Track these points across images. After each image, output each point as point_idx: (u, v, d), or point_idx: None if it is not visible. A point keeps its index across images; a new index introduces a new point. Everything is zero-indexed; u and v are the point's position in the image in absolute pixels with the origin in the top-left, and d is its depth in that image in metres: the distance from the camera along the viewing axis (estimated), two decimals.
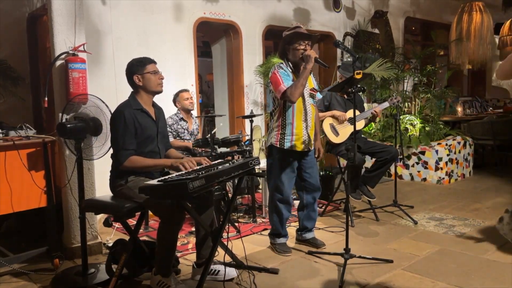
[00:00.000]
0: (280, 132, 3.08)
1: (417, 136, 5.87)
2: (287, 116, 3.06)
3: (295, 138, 3.06)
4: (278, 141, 3.08)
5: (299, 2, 6.08)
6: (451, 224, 3.88)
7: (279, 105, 3.08)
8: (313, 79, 3.21)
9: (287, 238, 3.31)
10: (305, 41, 3.01)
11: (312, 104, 3.15)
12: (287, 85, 2.93)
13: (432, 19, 8.18)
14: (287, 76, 2.98)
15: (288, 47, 3.06)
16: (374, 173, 3.98)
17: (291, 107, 3.04)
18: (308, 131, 3.09)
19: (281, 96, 2.96)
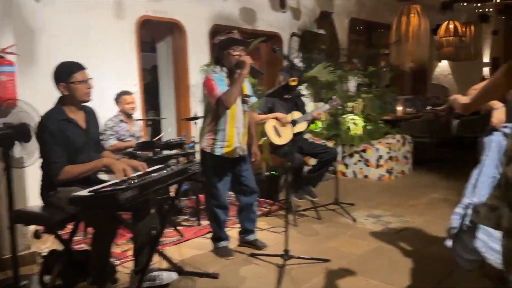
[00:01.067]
0: (211, 137, 3.08)
1: (359, 134, 6.08)
2: (219, 122, 3.05)
3: (227, 144, 3.07)
4: (210, 147, 3.08)
5: (245, 1, 6.09)
6: (387, 221, 4.06)
7: (212, 110, 3.06)
8: (248, 85, 3.22)
9: (228, 241, 3.33)
10: (240, 46, 3.01)
11: (246, 110, 3.15)
12: (222, 90, 2.92)
13: (376, 20, 8.45)
14: (221, 82, 2.97)
15: (222, 52, 3.04)
16: (316, 173, 4.09)
17: (224, 113, 3.03)
18: (239, 137, 3.10)
19: (216, 102, 2.95)
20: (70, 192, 2.37)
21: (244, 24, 6.09)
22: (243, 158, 3.23)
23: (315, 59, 6.92)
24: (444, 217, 4.10)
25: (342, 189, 5.35)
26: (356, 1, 7.95)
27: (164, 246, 3.43)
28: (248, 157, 3.29)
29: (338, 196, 4.43)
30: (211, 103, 3.00)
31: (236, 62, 2.97)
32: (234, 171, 3.23)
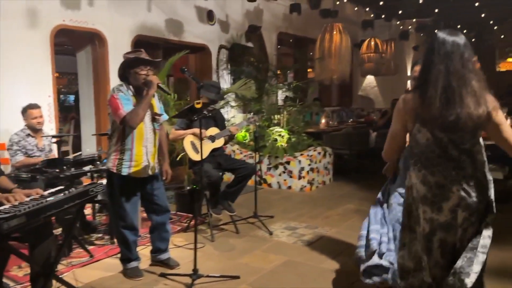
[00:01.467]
0: (118, 157, 3.02)
1: (284, 147, 6.25)
2: (126, 142, 3.00)
3: (134, 164, 3.02)
4: (116, 167, 3.02)
5: (171, 13, 6.07)
6: (302, 233, 4.21)
7: (118, 129, 3.00)
8: (158, 103, 3.20)
9: (139, 261, 3.28)
10: (147, 66, 3.00)
11: (155, 128, 3.13)
12: (127, 110, 2.87)
13: (303, 35, 8.77)
14: (127, 101, 2.93)
15: (129, 70, 3.00)
16: (234, 188, 4.14)
17: (131, 132, 2.99)
18: (148, 156, 3.07)
19: (121, 122, 2.89)
20: None
21: (170, 35, 6.07)
22: (155, 177, 3.20)
23: (244, 71, 7.05)
24: (354, 228, 4.34)
25: (266, 201, 5.50)
26: (284, 17, 8.20)
27: (72, 268, 3.31)
28: (159, 175, 3.26)
29: (257, 210, 4.52)
30: (116, 122, 2.95)
31: (143, 81, 2.94)
32: (145, 190, 3.19)
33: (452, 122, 1.86)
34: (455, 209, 1.96)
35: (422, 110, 1.92)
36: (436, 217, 2.00)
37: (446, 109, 1.86)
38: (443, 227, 2.01)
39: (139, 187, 3.15)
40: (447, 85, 1.86)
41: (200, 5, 6.52)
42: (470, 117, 1.84)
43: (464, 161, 1.93)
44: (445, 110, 1.86)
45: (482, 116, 1.85)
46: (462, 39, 1.92)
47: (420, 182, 2.00)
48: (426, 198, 2.00)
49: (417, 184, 2.01)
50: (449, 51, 1.89)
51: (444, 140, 1.91)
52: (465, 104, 1.84)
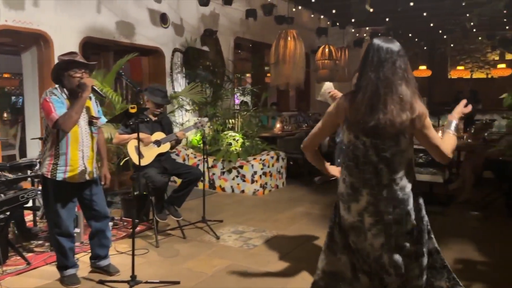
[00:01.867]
0: (52, 162, 2.96)
1: (238, 151, 6.28)
2: (60, 146, 2.94)
3: (70, 169, 2.97)
4: (50, 172, 2.95)
5: (122, 15, 5.98)
6: (249, 236, 4.24)
7: (52, 133, 2.95)
8: (95, 106, 3.16)
9: (76, 268, 3.21)
10: (82, 69, 2.95)
11: (93, 132, 3.09)
12: (60, 113, 2.83)
13: (260, 40, 8.86)
14: (60, 104, 2.88)
15: (63, 73, 2.95)
16: (180, 193, 4.13)
17: (65, 136, 2.93)
18: (85, 161, 3.03)
19: (53, 125, 2.84)
20: None
21: (121, 37, 5.97)
22: (93, 182, 3.15)
23: (199, 75, 7.04)
24: (301, 231, 4.44)
25: (218, 205, 5.51)
26: (241, 22, 8.25)
27: (6, 276, 3.20)
28: (98, 180, 3.21)
29: (206, 214, 4.53)
30: (50, 127, 2.88)
31: (77, 84, 2.90)
32: (83, 196, 3.13)
33: (372, 127, 1.92)
34: (362, 213, 2.02)
35: (349, 114, 1.98)
36: (346, 217, 2.07)
37: (369, 115, 1.92)
38: (353, 228, 2.07)
39: (76, 193, 3.09)
40: (375, 91, 1.92)
41: (153, 8, 6.47)
42: (391, 124, 1.89)
43: (381, 169, 1.96)
44: (367, 115, 1.92)
45: (404, 123, 1.90)
46: (397, 46, 1.97)
47: (341, 180, 2.09)
48: (343, 196, 2.08)
49: (340, 181, 2.10)
50: (382, 59, 1.94)
51: (366, 144, 1.96)
52: (388, 111, 1.89)
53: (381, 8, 7.63)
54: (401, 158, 1.97)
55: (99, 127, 3.17)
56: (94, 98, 3.17)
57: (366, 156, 1.98)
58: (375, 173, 1.97)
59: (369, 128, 1.93)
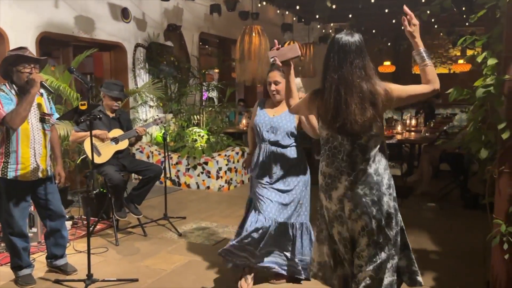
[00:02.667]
0: (3, 160, 2.88)
1: (203, 147, 6.27)
2: (10, 143, 2.88)
3: (21, 167, 2.91)
4: (1, 171, 2.88)
5: (81, 10, 5.84)
6: (211, 232, 4.26)
7: (0, 130, 2.87)
8: (47, 102, 3.09)
9: (31, 268, 3.14)
10: (31, 64, 2.88)
11: (45, 129, 3.02)
12: (7, 110, 2.76)
13: (225, 35, 8.84)
14: (8, 100, 2.81)
15: (11, 68, 2.87)
16: (140, 190, 4.09)
17: (15, 134, 2.87)
18: (37, 158, 2.97)
19: (1, 122, 2.77)
20: None
21: (80, 32, 5.84)
22: (47, 180, 3.09)
23: (163, 71, 6.97)
24: None
25: (183, 202, 5.49)
26: (205, 17, 8.20)
27: None
28: (53, 178, 3.15)
29: (168, 211, 4.51)
30: None
31: (26, 80, 2.83)
32: (37, 195, 3.07)
33: (340, 126, 2.04)
34: (342, 199, 2.12)
35: (321, 111, 2.12)
36: (329, 206, 2.19)
37: (335, 116, 2.03)
38: (336, 218, 2.18)
39: (30, 192, 3.02)
40: (337, 93, 2.02)
41: (114, 2, 6.34)
42: (355, 122, 1.99)
43: (356, 155, 2.06)
44: (334, 116, 2.04)
45: (369, 119, 2.00)
46: (356, 42, 2.03)
47: (320, 171, 2.20)
48: (322, 186, 2.20)
49: (319, 173, 2.22)
50: (342, 59, 2.02)
51: (340, 135, 2.07)
52: (350, 111, 1.99)
53: (344, 5, 7.77)
54: (375, 142, 2.08)
55: (52, 125, 3.11)
56: (46, 94, 3.10)
57: (342, 145, 2.08)
58: (351, 161, 2.07)
59: (338, 127, 2.05)
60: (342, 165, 2.08)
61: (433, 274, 3.24)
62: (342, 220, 2.16)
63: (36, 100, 2.91)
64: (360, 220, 2.11)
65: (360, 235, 2.12)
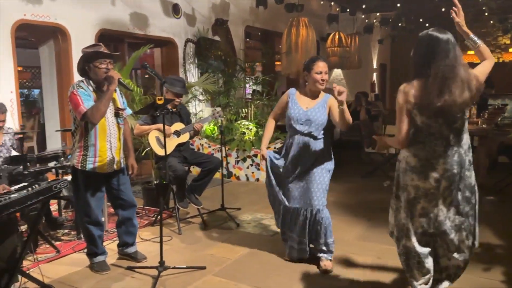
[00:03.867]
0: (82, 153, 3.04)
1: (252, 140, 6.36)
2: (89, 137, 3.02)
3: (99, 159, 3.05)
4: (80, 163, 3.04)
5: (135, 6, 6.03)
6: (267, 224, 4.34)
7: (80, 125, 3.02)
8: (120, 97, 3.22)
9: (105, 255, 3.32)
10: (107, 60, 3.01)
11: (119, 123, 3.16)
12: (88, 106, 2.89)
13: (269, 28, 8.87)
14: (87, 96, 2.94)
15: (88, 65, 2.99)
16: (200, 182, 4.22)
17: (94, 128, 3.00)
18: (113, 151, 3.11)
19: (81, 118, 2.90)
20: None
21: (135, 29, 6.03)
22: (120, 172, 3.24)
23: (211, 65, 7.09)
24: None
25: (234, 193, 5.60)
26: (251, 10, 8.25)
27: (38, 263, 3.32)
28: (125, 170, 3.30)
29: (224, 202, 4.62)
30: (78, 119, 2.97)
31: (103, 76, 2.96)
32: (111, 186, 3.23)
33: (439, 107, 2.24)
34: (439, 179, 2.35)
35: (419, 99, 2.30)
36: (422, 185, 2.39)
37: (437, 98, 2.24)
38: (426, 195, 2.40)
39: (104, 183, 3.18)
40: (442, 78, 2.24)
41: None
42: (454, 103, 2.23)
43: (452, 139, 2.32)
44: (436, 98, 2.24)
45: (466, 101, 2.25)
46: (452, 37, 2.28)
47: (412, 155, 2.40)
48: (416, 168, 2.39)
49: (408, 156, 2.42)
50: (446, 49, 2.25)
51: (439, 121, 2.29)
52: (452, 93, 2.23)
53: None
54: (464, 125, 2.36)
55: (125, 118, 3.25)
56: (119, 90, 3.24)
57: (440, 132, 2.32)
58: (448, 144, 2.32)
59: (436, 109, 2.25)
60: (440, 149, 2.32)
61: (502, 268, 3.17)
62: (433, 197, 2.39)
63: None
64: (451, 196, 2.38)
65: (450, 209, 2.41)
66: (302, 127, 3.10)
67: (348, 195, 5.40)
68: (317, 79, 3.07)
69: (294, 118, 3.11)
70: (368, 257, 3.44)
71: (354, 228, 4.16)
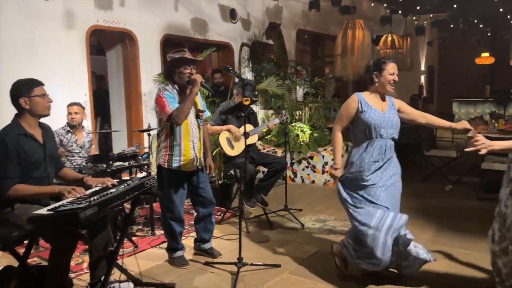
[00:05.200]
0: (168, 153, 3.19)
1: (307, 142, 6.39)
2: (174, 137, 3.17)
3: (183, 158, 3.19)
4: (166, 162, 3.19)
5: (196, 12, 6.21)
6: (333, 225, 4.35)
7: (166, 126, 3.18)
8: (200, 100, 3.36)
9: (184, 250, 3.45)
10: (191, 65, 3.15)
11: (199, 124, 3.30)
12: (173, 108, 3.04)
13: (321, 32, 8.88)
14: (172, 99, 3.09)
15: (174, 70, 3.15)
16: (267, 182, 4.30)
17: (178, 129, 3.16)
18: (195, 150, 3.24)
19: (167, 119, 3.06)
20: (27, 209, 2.42)
21: (196, 34, 6.21)
22: (200, 170, 3.37)
23: (265, 68, 7.19)
24: None
25: (291, 195, 5.62)
26: (302, 14, 8.31)
27: (119, 257, 3.48)
28: (204, 168, 3.43)
29: (287, 203, 4.68)
30: (164, 120, 3.12)
31: (187, 80, 3.11)
32: (192, 184, 3.36)
33: None
34: None
35: None
36: None
37: None
38: None
39: (186, 181, 3.32)
40: None
41: (224, 4, 6.66)
42: None
43: None
44: None
45: None
46: None
47: None
48: None
49: None
50: None
51: None
52: None
53: None
54: None
55: (204, 120, 3.38)
56: (199, 93, 3.38)
57: None
58: None
59: None
60: None
61: None
62: None
63: None
64: None
65: None
66: (384, 130, 2.89)
67: (411, 199, 5.31)
68: (389, 80, 2.89)
69: (376, 123, 2.87)
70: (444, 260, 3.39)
71: (423, 232, 4.09)
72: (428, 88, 14.56)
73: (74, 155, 4.11)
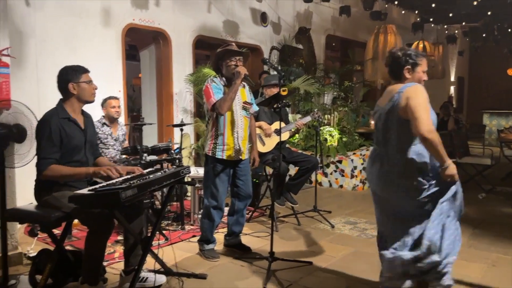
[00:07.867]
0: (213, 142, 3.26)
1: (335, 146, 6.32)
2: (219, 127, 3.23)
3: (226, 148, 3.23)
4: (211, 150, 3.25)
5: (228, 15, 6.28)
6: (364, 227, 4.26)
7: (212, 116, 3.25)
8: (248, 93, 3.40)
9: (215, 244, 3.44)
10: (237, 57, 3.19)
11: (245, 116, 3.32)
12: (217, 98, 3.11)
13: (350, 37, 8.84)
14: (218, 90, 3.16)
15: (221, 62, 3.24)
16: (297, 180, 4.26)
17: (223, 119, 3.21)
18: (239, 141, 3.26)
19: (211, 108, 3.14)
20: (66, 192, 2.46)
21: (227, 36, 6.27)
22: (243, 162, 3.38)
23: (293, 72, 7.18)
24: None
25: (319, 198, 5.55)
26: (332, 19, 8.30)
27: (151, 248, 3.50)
28: (248, 162, 3.44)
29: (317, 204, 4.62)
30: (209, 110, 3.18)
31: (232, 72, 3.15)
32: (234, 174, 3.38)
33: None
34: None
35: None
36: None
37: None
38: None
39: (230, 171, 3.33)
40: None
41: (255, 7, 6.72)
42: None
43: None
44: None
45: None
46: None
47: None
48: None
49: None
50: None
51: None
52: None
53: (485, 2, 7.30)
54: None
55: (251, 114, 3.42)
56: (248, 87, 3.41)
57: None
58: None
59: None
60: None
61: None
62: None
63: (239, 90, 3.23)
64: None
65: None
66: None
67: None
68: (422, 78, 2.49)
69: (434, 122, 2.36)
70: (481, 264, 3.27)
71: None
72: (458, 99, 14.27)
73: (108, 147, 4.17)
